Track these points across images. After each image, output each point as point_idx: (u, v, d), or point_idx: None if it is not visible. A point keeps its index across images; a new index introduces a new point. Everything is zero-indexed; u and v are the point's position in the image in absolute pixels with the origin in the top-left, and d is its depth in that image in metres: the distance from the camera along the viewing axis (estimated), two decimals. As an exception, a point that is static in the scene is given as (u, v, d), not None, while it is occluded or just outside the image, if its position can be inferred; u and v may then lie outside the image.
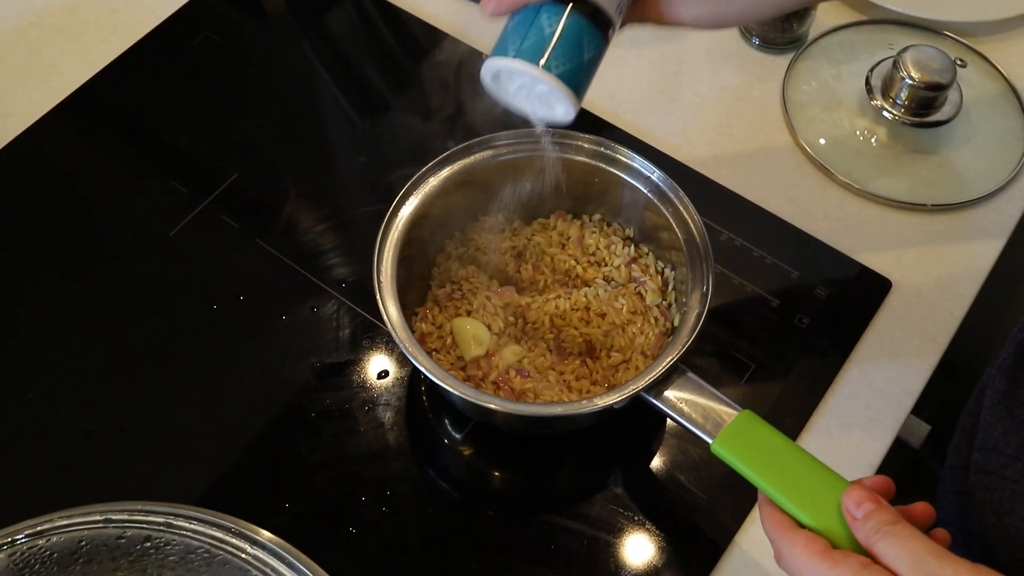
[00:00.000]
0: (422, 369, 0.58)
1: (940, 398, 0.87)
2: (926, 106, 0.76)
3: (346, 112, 0.86)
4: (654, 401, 0.57)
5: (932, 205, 0.75)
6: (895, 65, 0.75)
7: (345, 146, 0.84)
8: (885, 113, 0.78)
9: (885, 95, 0.78)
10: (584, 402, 0.58)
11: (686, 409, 0.56)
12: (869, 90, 0.79)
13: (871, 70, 0.80)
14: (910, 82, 0.74)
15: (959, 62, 0.80)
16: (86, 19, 0.89)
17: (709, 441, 0.55)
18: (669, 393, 0.57)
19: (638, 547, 0.62)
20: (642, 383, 0.57)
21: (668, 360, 0.57)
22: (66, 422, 0.67)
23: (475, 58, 0.86)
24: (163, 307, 0.73)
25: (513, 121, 0.71)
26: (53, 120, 0.82)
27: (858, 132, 0.79)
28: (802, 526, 0.50)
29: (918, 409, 0.71)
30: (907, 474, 0.96)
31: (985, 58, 0.82)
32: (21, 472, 0.66)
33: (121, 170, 0.81)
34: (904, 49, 0.75)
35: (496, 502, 0.66)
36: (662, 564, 0.62)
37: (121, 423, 0.67)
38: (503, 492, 0.67)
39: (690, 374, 0.58)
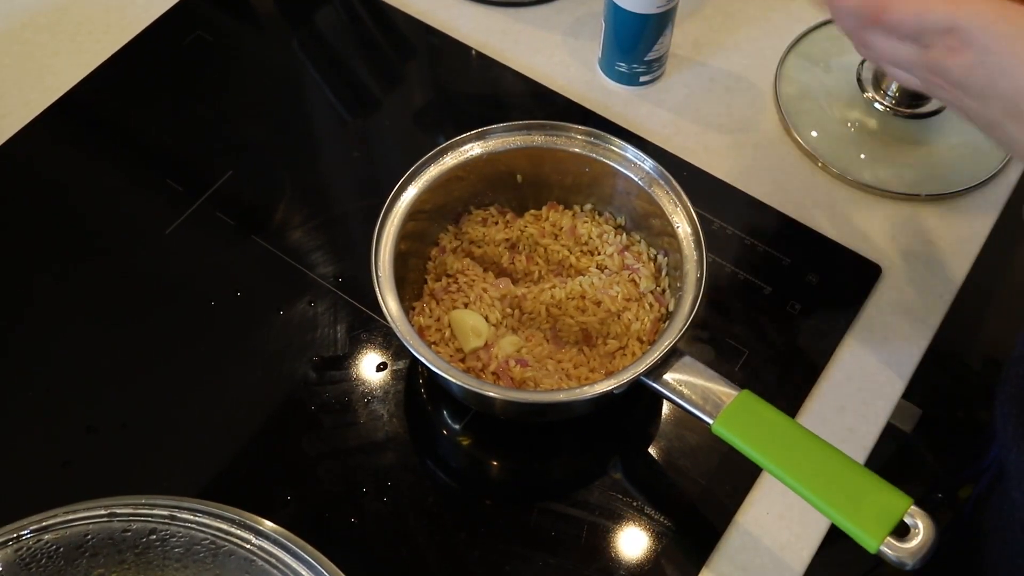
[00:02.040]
0: (426, 362, 0.59)
1: (930, 383, 0.88)
2: (917, 97, 0.78)
3: (338, 109, 0.86)
4: (654, 385, 0.58)
5: (925, 195, 0.76)
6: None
7: (338, 142, 0.84)
8: (876, 105, 0.79)
9: (876, 87, 0.79)
10: (585, 387, 0.58)
11: (686, 391, 0.57)
12: (860, 82, 0.80)
13: (862, 63, 0.81)
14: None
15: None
16: (78, 19, 0.89)
17: (710, 422, 0.56)
18: (668, 376, 0.58)
19: (638, 532, 0.63)
20: (642, 367, 0.58)
21: (667, 344, 0.58)
22: (68, 419, 0.68)
23: (464, 53, 0.87)
24: (161, 304, 0.73)
25: (505, 114, 0.72)
26: (48, 120, 0.83)
27: (849, 123, 0.80)
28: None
29: (908, 394, 0.72)
30: (899, 457, 0.97)
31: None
32: (23, 469, 0.66)
33: (116, 169, 0.81)
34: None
35: (496, 490, 0.67)
36: (662, 548, 0.62)
37: (122, 419, 0.68)
38: (502, 480, 0.68)
39: (688, 357, 0.59)
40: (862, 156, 0.79)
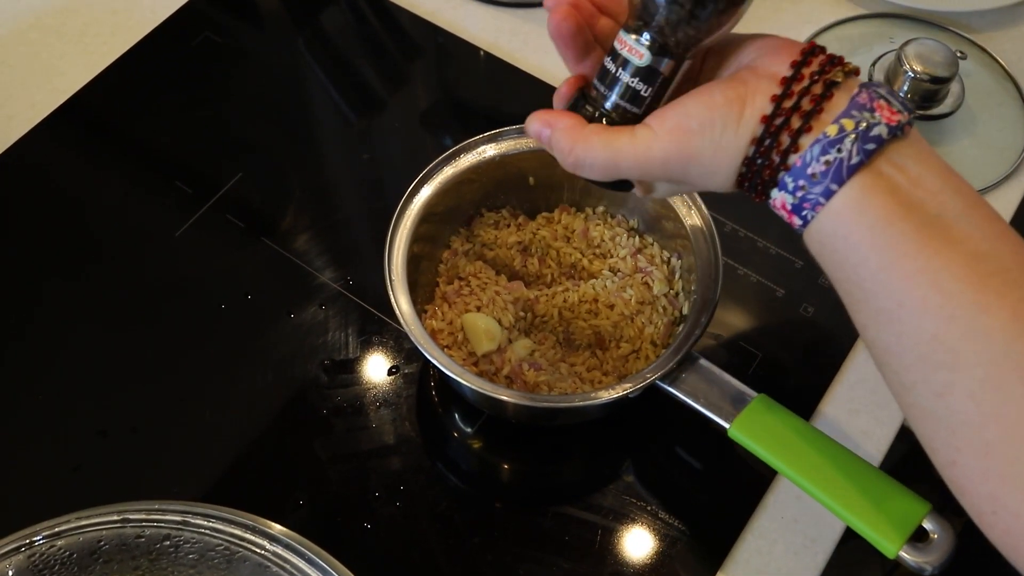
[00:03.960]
0: (440, 366, 0.58)
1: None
2: (929, 99, 0.77)
3: (348, 110, 0.86)
4: (670, 388, 0.58)
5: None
6: (898, 59, 0.76)
7: (346, 144, 0.84)
8: (886, 105, 0.79)
9: (887, 87, 0.79)
10: (601, 392, 0.58)
11: (701, 396, 0.57)
12: (870, 82, 0.80)
13: (873, 64, 0.80)
14: (912, 75, 0.75)
15: (959, 54, 0.81)
16: (85, 20, 0.89)
17: (726, 426, 0.55)
18: (684, 380, 0.58)
19: (651, 536, 0.63)
20: (658, 371, 0.57)
21: (684, 348, 0.58)
22: (79, 422, 0.67)
23: (472, 54, 0.87)
24: (172, 307, 0.73)
25: (516, 115, 0.72)
26: (55, 122, 0.82)
27: (858, 123, 0.80)
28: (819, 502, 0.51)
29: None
30: (912, 459, 0.97)
31: (984, 50, 0.83)
32: (34, 473, 0.66)
33: (125, 171, 0.81)
34: (906, 43, 0.76)
35: (508, 494, 0.67)
36: (675, 552, 0.62)
37: (134, 422, 0.67)
38: (515, 484, 0.68)
39: (703, 361, 0.59)
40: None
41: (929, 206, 0.40)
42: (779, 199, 0.43)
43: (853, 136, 0.40)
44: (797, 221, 0.43)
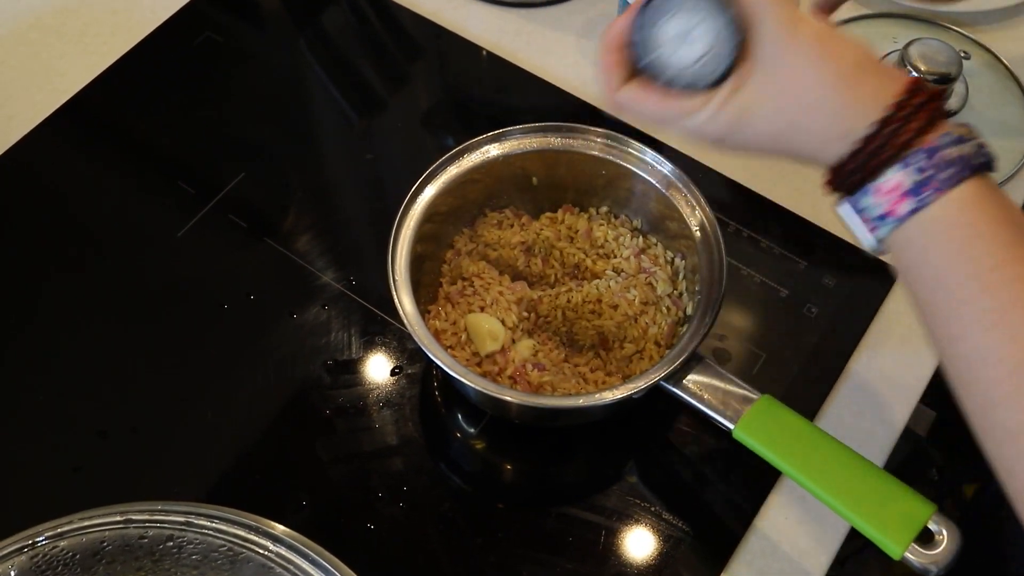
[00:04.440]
0: (444, 367, 0.58)
1: (941, 385, 0.87)
2: (933, 99, 0.77)
3: (350, 110, 0.86)
4: (674, 389, 0.58)
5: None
6: (901, 59, 0.76)
7: (349, 144, 0.84)
8: (889, 105, 0.79)
9: (891, 88, 0.78)
10: (605, 392, 0.58)
11: (706, 396, 0.57)
12: (873, 83, 0.80)
13: (875, 63, 0.80)
14: (916, 75, 0.75)
15: (963, 54, 0.80)
16: (85, 20, 0.89)
17: (731, 427, 0.55)
18: (688, 381, 0.58)
19: (655, 537, 0.63)
20: (662, 372, 0.57)
21: (688, 348, 0.58)
22: (78, 423, 0.67)
23: (474, 53, 0.86)
24: (173, 307, 0.73)
25: (516, 115, 0.72)
26: (57, 122, 0.82)
27: (861, 124, 0.80)
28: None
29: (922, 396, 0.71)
30: (914, 461, 0.97)
31: (988, 50, 0.83)
32: (34, 474, 0.66)
33: (127, 172, 0.80)
34: (910, 43, 0.76)
35: (512, 495, 0.66)
36: (679, 553, 0.62)
37: (134, 423, 0.67)
38: (518, 485, 0.68)
39: (707, 361, 0.59)
40: (877, 158, 0.78)
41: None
42: (895, 179, 0.43)
43: (974, 142, 0.42)
44: (907, 206, 0.42)
